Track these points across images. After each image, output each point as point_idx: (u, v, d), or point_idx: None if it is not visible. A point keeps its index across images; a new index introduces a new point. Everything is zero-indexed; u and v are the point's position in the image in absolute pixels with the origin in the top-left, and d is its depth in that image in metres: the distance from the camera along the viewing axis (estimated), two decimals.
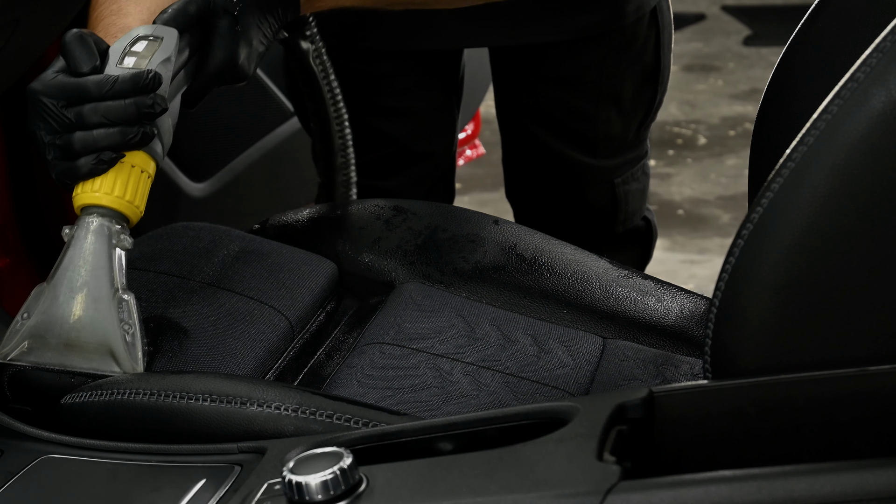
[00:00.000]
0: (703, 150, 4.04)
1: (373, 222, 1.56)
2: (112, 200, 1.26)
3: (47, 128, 1.25)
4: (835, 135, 0.98)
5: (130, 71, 1.24)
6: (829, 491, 0.90)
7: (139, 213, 1.29)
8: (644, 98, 1.88)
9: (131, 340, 1.26)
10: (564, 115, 1.85)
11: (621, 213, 1.92)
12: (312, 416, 1.18)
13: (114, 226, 1.26)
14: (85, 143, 1.24)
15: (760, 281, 1.02)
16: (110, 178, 1.26)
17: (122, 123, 1.24)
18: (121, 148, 1.25)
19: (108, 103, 1.24)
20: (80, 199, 1.27)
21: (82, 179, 1.26)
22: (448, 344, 1.39)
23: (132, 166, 1.27)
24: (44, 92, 1.25)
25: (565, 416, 1.03)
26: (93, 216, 1.26)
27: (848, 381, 1.00)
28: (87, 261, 1.25)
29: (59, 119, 1.24)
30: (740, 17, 5.21)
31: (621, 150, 1.89)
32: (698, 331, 1.45)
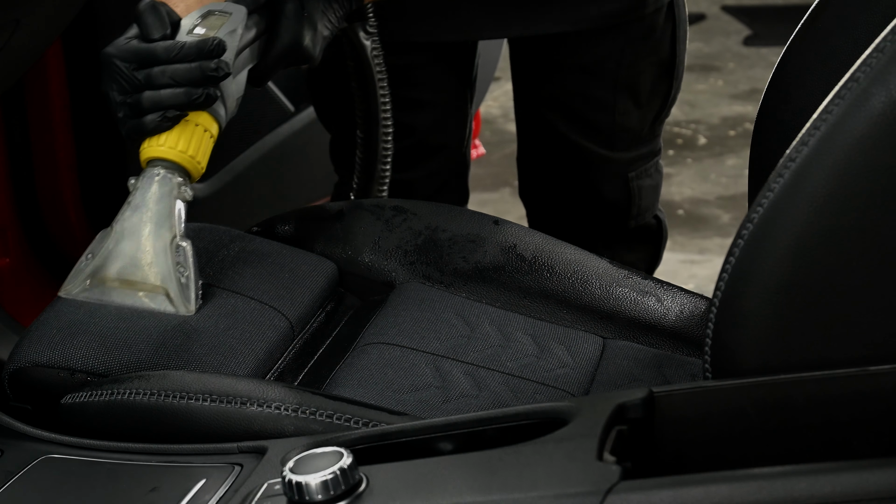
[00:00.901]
0: (703, 150, 4.04)
1: (373, 222, 1.56)
2: (175, 154, 1.36)
3: (119, 88, 1.35)
4: (835, 135, 0.98)
5: (197, 37, 1.35)
6: (829, 491, 0.90)
7: (200, 170, 1.38)
8: (660, 91, 1.89)
9: (185, 283, 1.34)
10: (582, 105, 1.87)
11: (634, 207, 1.93)
12: (312, 416, 1.18)
13: (176, 178, 1.36)
14: (152, 101, 1.34)
15: (761, 281, 1.02)
16: (175, 134, 1.36)
17: (187, 85, 1.34)
18: (185, 107, 1.35)
19: (175, 66, 1.33)
20: (147, 152, 1.36)
21: (149, 135, 1.35)
22: (448, 344, 1.39)
23: (196, 125, 1.37)
24: (117, 55, 1.35)
25: (565, 416, 1.03)
26: (157, 168, 1.36)
27: (848, 381, 1.00)
28: (150, 208, 1.35)
29: (130, 80, 1.34)
30: (740, 17, 5.21)
31: (636, 143, 1.91)
32: (698, 331, 1.45)
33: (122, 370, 1.28)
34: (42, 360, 1.29)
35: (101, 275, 1.35)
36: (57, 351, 1.29)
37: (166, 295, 1.34)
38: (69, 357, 1.29)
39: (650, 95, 1.88)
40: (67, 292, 1.36)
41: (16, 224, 2.02)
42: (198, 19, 1.38)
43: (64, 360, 1.29)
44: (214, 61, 1.34)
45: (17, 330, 1.82)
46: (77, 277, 1.36)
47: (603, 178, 1.91)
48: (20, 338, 1.35)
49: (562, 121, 1.88)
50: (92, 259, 1.36)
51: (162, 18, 1.36)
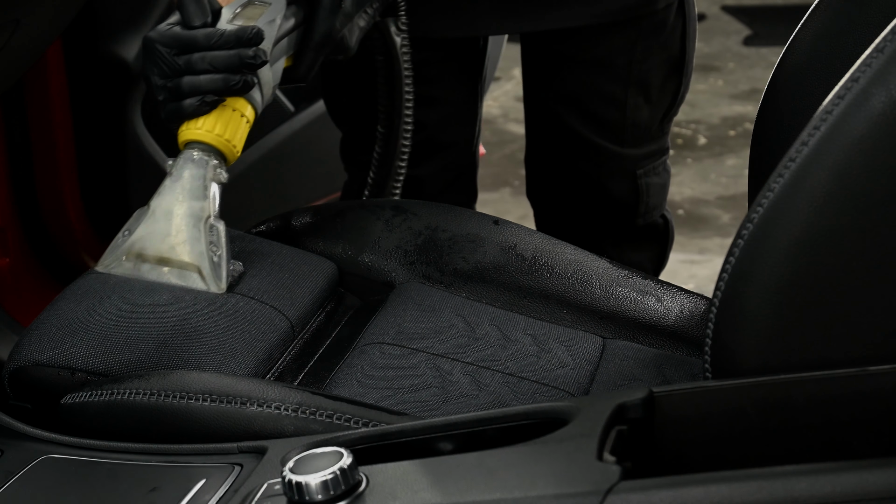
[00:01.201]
0: (703, 150, 4.04)
1: (373, 222, 1.56)
2: (212, 138, 1.41)
3: (160, 72, 1.40)
4: (835, 135, 0.98)
5: (236, 26, 1.40)
6: (829, 491, 0.89)
7: (235, 154, 1.43)
8: (669, 88, 1.90)
9: (217, 262, 1.39)
10: (593, 100, 1.87)
11: (642, 205, 1.94)
12: (312, 416, 1.18)
13: (212, 160, 1.41)
14: (192, 86, 1.39)
15: (760, 281, 1.02)
16: (212, 118, 1.41)
17: (226, 71, 1.39)
18: (223, 93, 1.40)
19: (214, 53, 1.39)
20: (184, 134, 1.42)
21: (187, 118, 1.41)
22: (448, 344, 1.39)
23: (233, 110, 1.42)
24: (159, 40, 1.40)
25: (565, 416, 1.03)
26: (194, 150, 1.41)
27: (848, 381, 1.00)
28: (186, 188, 1.40)
29: (170, 65, 1.40)
30: (740, 17, 5.21)
31: (646, 139, 1.91)
32: (698, 331, 1.45)
33: (122, 369, 1.28)
34: (42, 359, 1.29)
35: (137, 251, 1.40)
36: (57, 350, 1.30)
37: (199, 273, 1.38)
38: (69, 356, 1.29)
39: (660, 92, 1.89)
40: (105, 266, 1.41)
41: (16, 224, 2.02)
42: (238, 9, 1.43)
43: (64, 359, 1.29)
44: (252, 49, 1.39)
45: (17, 330, 1.82)
46: (113, 253, 1.41)
47: (612, 174, 1.92)
48: (20, 337, 1.35)
49: (572, 115, 1.89)
50: (128, 236, 1.40)
51: (203, 7, 1.41)
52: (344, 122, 1.95)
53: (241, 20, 1.43)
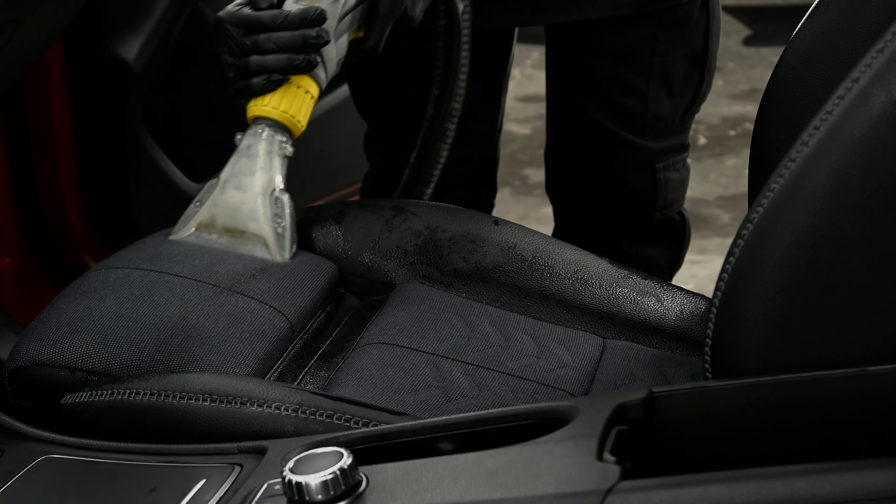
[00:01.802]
0: (703, 150, 4.04)
1: (373, 222, 1.56)
2: (278, 114, 1.48)
3: (229, 51, 1.47)
4: (835, 135, 0.98)
5: (301, 7, 1.47)
6: (829, 491, 0.89)
7: (301, 128, 1.50)
8: (692, 83, 1.92)
9: (282, 233, 1.46)
10: (616, 91, 1.88)
11: (660, 199, 1.95)
12: (312, 416, 1.18)
13: (278, 135, 1.48)
14: (259, 65, 1.46)
15: (761, 281, 1.02)
16: (278, 95, 1.48)
17: (290, 51, 1.46)
18: (288, 71, 1.47)
19: (279, 33, 1.46)
20: (253, 110, 1.49)
21: (255, 95, 1.48)
22: (448, 344, 1.39)
23: (297, 87, 1.49)
24: (229, 21, 1.47)
25: (565, 416, 1.03)
26: (261, 126, 1.48)
27: (848, 381, 1.00)
28: (254, 162, 1.47)
29: (239, 44, 1.47)
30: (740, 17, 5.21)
31: (667, 133, 1.92)
32: (698, 331, 1.45)
33: (122, 369, 1.28)
34: (42, 359, 1.29)
35: (207, 221, 1.47)
36: (57, 349, 1.30)
37: (264, 243, 1.46)
38: (69, 355, 1.29)
39: (683, 86, 1.90)
40: (178, 234, 1.48)
41: (16, 224, 2.02)
42: None
43: (64, 359, 1.29)
44: (315, 29, 1.45)
45: (17, 330, 1.82)
46: (185, 223, 1.48)
47: (631, 166, 1.92)
48: (20, 336, 1.35)
49: (594, 106, 1.90)
50: (200, 206, 1.48)
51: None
52: (369, 110, 1.96)
53: (306, 1, 1.48)
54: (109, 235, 2.11)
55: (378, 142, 1.98)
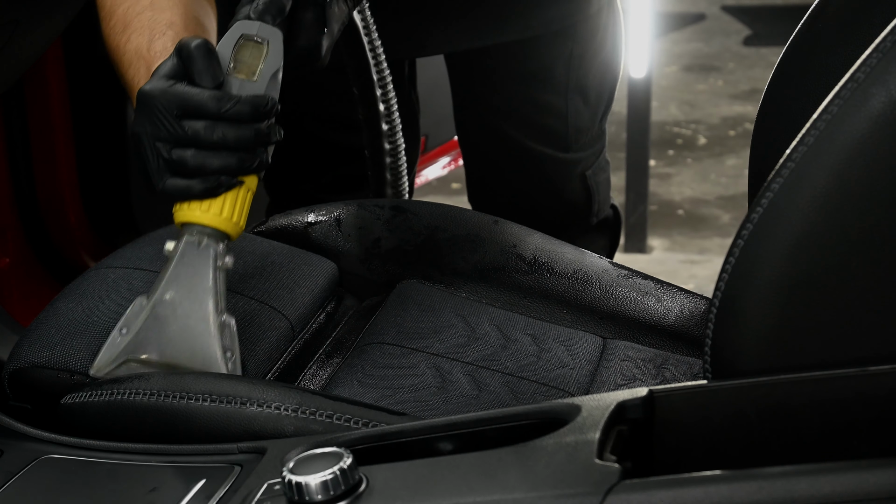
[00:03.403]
0: (703, 150, 4.04)
1: (373, 222, 1.56)
2: (221, 222, 1.25)
3: (158, 135, 1.22)
4: (835, 135, 0.98)
5: (251, 95, 1.23)
6: (829, 491, 0.89)
7: (240, 232, 1.28)
8: (605, 89, 1.90)
9: (233, 368, 1.25)
10: (536, 113, 1.85)
11: (595, 204, 1.94)
12: (312, 416, 1.18)
13: (218, 246, 1.26)
14: (199, 163, 1.22)
15: (760, 281, 1.02)
16: (220, 198, 1.25)
17: (237, 149, 1.22)
18: (235, 173, 1.23)
19: (226, 125, 1.21)
20: (186, 215, 1.25)
21: (196, 199, 1.24)
22: (448, 344, 1.39)
23: (239, 185, 1.26)
24: (160, 98, 1.21)
25: (565, 416, 1.03)
26: (197, 235, 1.25)
27: (848, 381, 1.00)
28: (191, 282, 1.24)
29: (173, 130, 1.21)
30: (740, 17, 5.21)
31: (588, 142, 1.90)
32: (698, 331, 1.45)
33: None
34: (41, 362, 1.29)
35: (140, 355, 1.25)
36: (56, 352, 1.29)
37: None
38: (68, 358, 1.29)
39: (598, 94, 1.88)
40: (100, 369, 1.25)
41: (16, 224, 2.02)
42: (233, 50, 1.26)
43: (63, 361, 1.29)
44: (267, 123, 1.23)
45: (17, 330, 1.82)
46: (110, 353, 1.25)
47: (563, 179, 1.91)
48: (20, 338, 1.35)
49: (516, 128, 1.86)
50: (126, 335, 1.25)
51: (215, 66, 1.22)
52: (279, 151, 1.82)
53: (242, 71, 1.25)
54: (109, 235, 2.11)
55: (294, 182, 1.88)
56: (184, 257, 1.25)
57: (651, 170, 3.70)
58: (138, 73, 1.31)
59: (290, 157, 1.81)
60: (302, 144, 1.83)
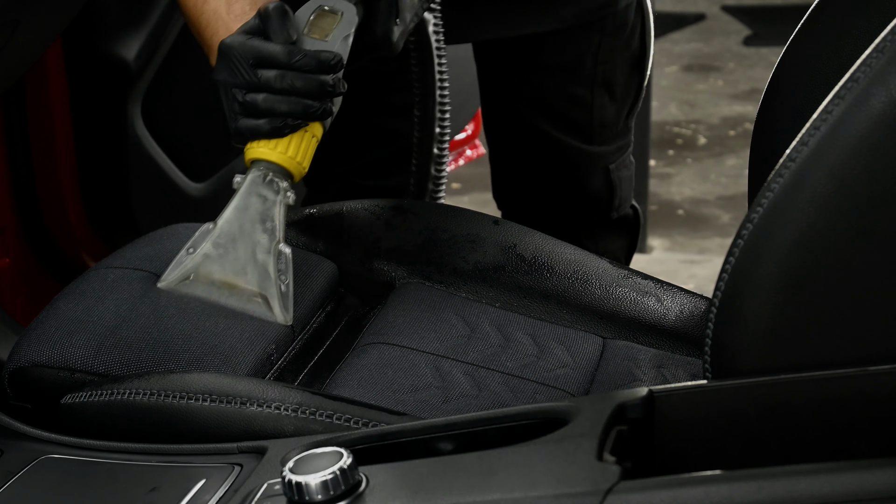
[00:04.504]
0: (703, 150, 4.04)
1: (373, 222, 1.56)
2: (285, 160, 1.38)
3: (235, 82, 1.36)
4: (835, 135, 0.98)
5: (319, 50, 1.37)
6: (829, 491, 0.89)
7: (303, 173, 1.40)
8: (632, 85, 1.92)
9: (285, 291, 1.37)
10: (563, 104, 1.87)
11: (616, 198, 1.96)
12: (312, 416, 1.18)
13: (282, 182, 1.38)
14: (269, 106, 1.35)
15: (760, 281, 1.02)
16: (285, 140, 1.38)
17: (305, 96, 1.35)
18: (301, 117, 1.37)
19: (294, 74, 1.35)
20: (256, 153, 1.38)
21: (263, 138, 1.37)
22: (448, 344, 1.39)
23: (305, 130, 1.39)
24: (238, 49, 1.35)
25: (565, 416, 1.03)
26: (264, 171, 1.38)
27: (848, 381, 1.00)
28: (255, 211, 1.37)
29: (248, 77, 1.35)
30: (740, 17, 5.21)
31: (613, 137, 1.92)
32: (698, 331, 1.45)
33: (121, 369, 1.28)
34: (41, 360, 1.29)
35: (203, 273, 1.37)
36: (56, 350, 1.29)
37: (266, 301, 1.36)
38: (68, 357, 1.29)
39: (624, 89, 1.91)
40: (167, 284, 1.38)
41: (16, 224, 2.02)
42: (311, 16, 1.41)
43: (63, 360, 1.29)
44: (332, 77, 1.36)
45: (17, 330, 1.81)
46: (177, 270, 1.38)
47: (586, 171, 1.93)
48: (20, 337, 1.35)
49: (543, 119, 1.89)
50: (193, 254, 1.37)
51: (288, 26, 1.36)
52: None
53: (316, 32, 1.39)
54: (109, 235, 2.11)
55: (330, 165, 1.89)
56: (249, 189, 1.37)
57: (651, 170, 3.71)
58: (216, 33, 1.44)
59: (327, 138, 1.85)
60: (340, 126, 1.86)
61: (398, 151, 1.87)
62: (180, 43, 2.07)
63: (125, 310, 1.34)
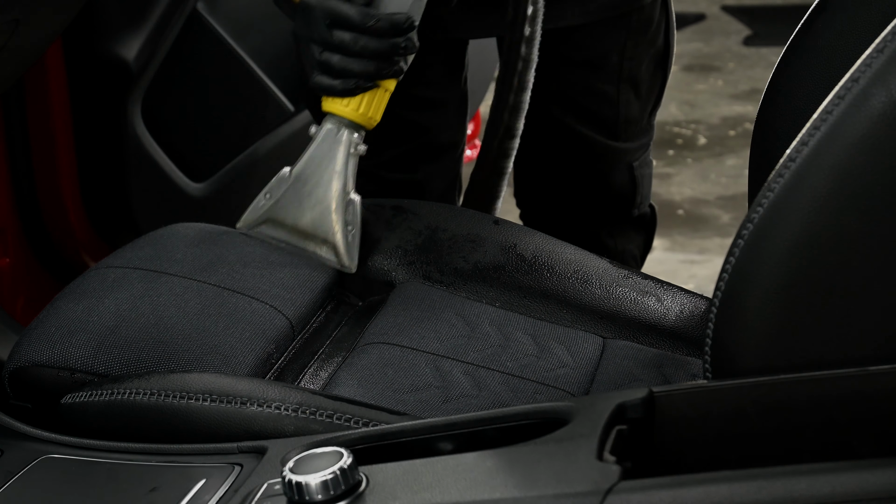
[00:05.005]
0: (703, 150, 4.04)
1: (373, 222, 1.56)
2: (358, 116, 1.47)
3: (313, 38, 1.45)
4: (835, 135, 0.98)
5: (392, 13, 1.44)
6: (829, 491, 0.89)
7: (375, 124, 1.49)
8: (656, 82, 1.93)
9: (352, 240, 1.47)
10: (588, 99, 1.89)
11: (638, 195, 1.97)
12: (312, 416, 1.18)
13: (353, 135, 1.48)
14: (343, 67, 1.44)
15: (761, 281, 1.02)
16: (359, 96, 1.47)
17: (378, 59, 1.44)
18: (374, 78, 1.46)
19: (367, 38, 1.43)
20: (330, 107, 1.47)
21: (337, 96, 1.46)
22: (448, 344, 1.39)
23: (377, 86, 1.47)
24: (318, 9, 1.43)
25: (565, 416, 1.03)
26: (337, 123, 1.47)
27: (848, 381, 1.00)
28: (331, 163, 1.47)
29: (324, 36, 1.43)
30: (740, 17, 5.21)
31: (637, 133, 1.93)
32: (698, 331, 1.45)
33: (121, 369, 1.28)
34: (42, 360, 1.29)
35: (277, 218, 1.48)
36: (56, 350, 1.30)
37: (333, 249, 1.47)
38: (68, 356, 1.29)
39: (649, 86, 1.91)
40: (246, 225, 1.49)
41: (16, 224, 2.02)
42: None
43: (63, 360, 1.29)
44: (405, 38, 1.44)
45: (17, 330, 1.82)
46: (254, 214, 1.49)
47: (611, 167, 1.93)
48: (20, 337, 1.35)
49: (569, 114, 1.89)
50: (269, 199, 1.48)
51: None
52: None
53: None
54: (109, 235, 2.11)
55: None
56: (323, 140, 1.47)
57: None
58: None
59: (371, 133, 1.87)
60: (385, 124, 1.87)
61: (425, 145, 1.88)
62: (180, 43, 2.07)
63: (125, 310, 1.34)
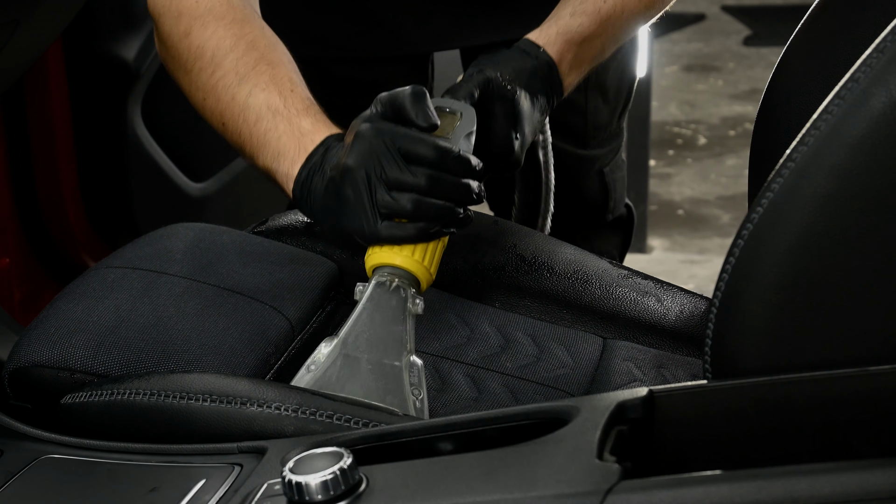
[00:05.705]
0: (703, 150, 4.04)
1: None
2: (413, 264, 1.24)
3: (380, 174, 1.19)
4: (835, 135, 0.98)
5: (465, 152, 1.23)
6: (829, 491, 0.89)
7: (431, 281, 1.27)
8: (624, 87, 1.92)
9: (420, 406, 1.22)
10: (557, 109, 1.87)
11: (611, 201, 1.96)
12: (312, 416, 1.18)
13: (409, 289, 1.24)
14: (420, 209, 1.20)
15: (761, 281, 1.02)
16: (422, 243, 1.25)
17: (453, 201, 1.21)
18: (448, 225, 1.23)
19: (450, 178, 1.20)
20: (380, 257, 1.25)
21: (408, 243, 1.23)
22: (447, 344, 1.39)
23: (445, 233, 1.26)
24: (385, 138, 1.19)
25: (565, 416, 1.03)
26: (388, 277, 1.24)
27: (848, 381, 1.00)
28: (384, 322, 1.23)
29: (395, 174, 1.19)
30: (740, 17, 5.21)
31: (607, 139, 1.93)
32: (698, 331, 1.45)
33: (121, 370, 1.28)
34: (41, 360, 1.29)
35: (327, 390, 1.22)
36: (56, 350, 1.30)
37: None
38: (68, 357, 1.29)
39: (616, 91, 1.90)
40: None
41: (16, 224, 2.02)
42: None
43: (63, 360, 1.29)
44: (478, 184, 1.23)
45: (17, 330, 1.82)
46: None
47: (582, 176, 1.94)
48: (20, 337, 1.35)
49: None
50: (315, 371, 1.22)
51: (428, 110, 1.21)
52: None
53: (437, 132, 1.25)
54: (109, 235, 2.11)
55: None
56: (374, 298, 1.24)
57: (651, 170, 3.70)
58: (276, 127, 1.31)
59: None
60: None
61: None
62: None
63: (125, 310, 1.34)
